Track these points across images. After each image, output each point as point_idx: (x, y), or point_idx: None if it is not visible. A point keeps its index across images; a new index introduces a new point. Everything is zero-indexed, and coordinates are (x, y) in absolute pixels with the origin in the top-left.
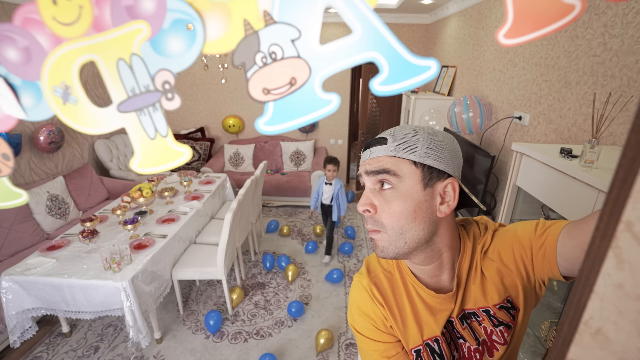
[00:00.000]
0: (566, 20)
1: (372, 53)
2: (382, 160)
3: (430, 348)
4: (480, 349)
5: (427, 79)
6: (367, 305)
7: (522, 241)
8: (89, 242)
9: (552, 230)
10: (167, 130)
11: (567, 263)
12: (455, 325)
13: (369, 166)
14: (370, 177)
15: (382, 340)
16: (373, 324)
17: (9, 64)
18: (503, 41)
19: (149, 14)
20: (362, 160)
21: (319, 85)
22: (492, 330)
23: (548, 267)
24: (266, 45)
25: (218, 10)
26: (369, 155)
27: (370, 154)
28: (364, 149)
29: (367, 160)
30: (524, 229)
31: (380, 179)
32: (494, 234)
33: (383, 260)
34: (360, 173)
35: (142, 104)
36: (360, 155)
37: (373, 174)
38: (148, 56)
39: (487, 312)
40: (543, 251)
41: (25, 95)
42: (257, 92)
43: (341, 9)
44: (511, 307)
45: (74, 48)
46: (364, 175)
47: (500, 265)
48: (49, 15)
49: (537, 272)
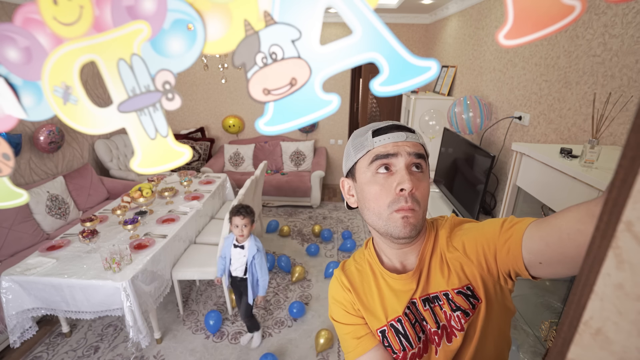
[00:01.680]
0: (566, 21)
1: (372, 54)
2: (418, 146)
3: (395, 329)
4: (439, 333)
5: (427, 80)
6: (338, 292)
7: (487, 235)
8: (89, 242)
9: (519, 225)
10: (167, 130)
11: (531, 255)
12: (418, 307)
13: (409, 148)
14: (410, 158)
15: (352, 323)
16: (344, 308)
17: (10, 64)
18: (503, 42)
19: (149, 14)
20: (391, 139)
21: (319, 86)
22: (451, 315)
23: (513, 259)
24: (266, 45)
25: (218, 11)
26: (406, 138)
27: (406, 137)
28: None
29: (405, 142)
30: (491, 224)
31: (418, 162)
32: (461, 225)
33: (357, 257)
34: (396, 152)
35: (142, 104)
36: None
37: (415, 156)
38: (148, 56)
39: (447, 295)
40: (508, 245)
41: (25, 95)
42: (257, 92)
43: (341, 9)
44: (471, 295)
45: (75, 48)
46: (403, 155)
47: (462, 255)
48: (50, 15)
49: (500, 265)
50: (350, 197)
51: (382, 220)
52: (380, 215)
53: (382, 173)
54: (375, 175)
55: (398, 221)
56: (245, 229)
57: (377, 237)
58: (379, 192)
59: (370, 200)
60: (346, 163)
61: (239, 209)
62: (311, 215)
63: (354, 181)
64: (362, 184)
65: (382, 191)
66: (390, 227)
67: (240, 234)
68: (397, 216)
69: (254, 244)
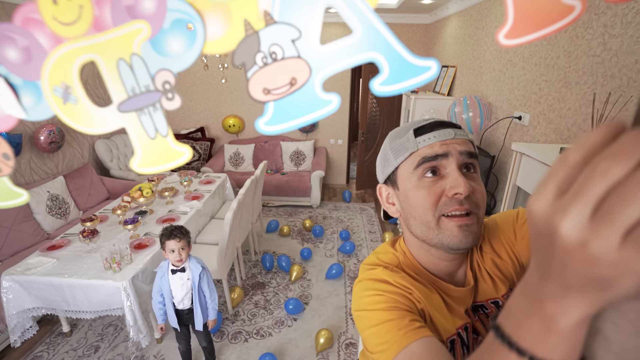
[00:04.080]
0: (566, 21)
1: (372, 53)
2: (469, 144)
3: (461, 339)
4: None
5: (427, 80)
6: (391, 276)
7: (507, 231)
8: (89, 242)
9: None
10: (167, 130)
11: None
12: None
13: (459, 147)
14: (462, 158)
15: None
16: (395, 290)
17: (10, 64)
18: (503, 42)
19: (149, 13)
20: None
21: (320, 86)
22: None
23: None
24: (266, 45)
25: (218, 10)
26: (454, 136)
27: (454, 134)
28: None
29: (455, 140)
30: (504, 219)
31: (471, 162)
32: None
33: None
34: (446, 152)
35: (142, 103)
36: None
37: (467, 155)
38: (148, 56)
39: (496, 303)
40: (526, 241)
41: (25, 95)
42: (257, 92)
43: (342, 9)
44: None
45: (75, 48)
46: (455, 155)
47: (494, 255)
48: (49, 14)
49: (524, 259)
50: (390, 205)
51: (432, 230)
52: (429, 225)
53: (430, 177)
54: (421, 179)
55: (454, 230)
56: (183, 252)
57: (421, 246)
58: (426, 197)
59: (417, 208)
60: (384, 169)
61: (171, 231)
62: (311, 215)
63: (394, 189)
64: (406, 191)
65: (429, 196)
66: (446, 237)
67: (178, 259)
68: (451, 224)
69: (196, 263)
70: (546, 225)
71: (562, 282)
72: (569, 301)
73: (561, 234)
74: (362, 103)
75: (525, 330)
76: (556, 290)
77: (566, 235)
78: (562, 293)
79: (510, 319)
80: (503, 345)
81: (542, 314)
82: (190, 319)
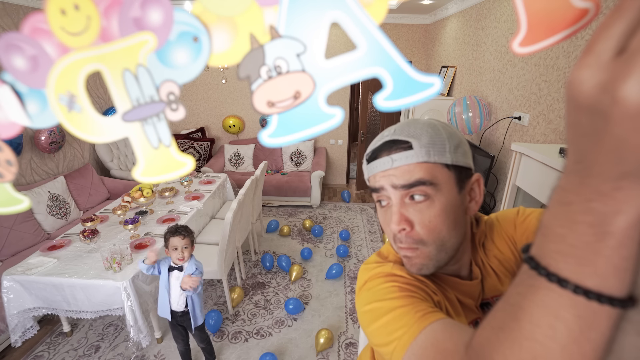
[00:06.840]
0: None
1: (376, 69)
2: (413, 170)
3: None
4: None
5: (430, 96)
6: (402, 270)
7: (508, 227)
8: (89, 242)
9: (533, 217)
10: (170, 140)
11: None
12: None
13: (395, 179)
14: (398, 191)
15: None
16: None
17: (17, 72)
18: (518, 50)
19: (156, 25)
20: (377, 169)
21: (324, 99)
22: None
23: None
24: (271, 58)
25: (225, 24)
26: (392, 165)
27: (392, 162)
28: (373, 154)
29: (389, 171)
30: (505, 217)
31: (413, 192)
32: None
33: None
34: (382, 186)
35: (146, 114)
36: (367, 161)
37: (404, 187)
38: (154, 67)
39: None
40: (526, 237)
41: (30, 102)
42: (261, 104)
43: (347, 25)
44: None
45: (81, 57)
46: (389, 189)
47: (497, 252)
48: (58, 25)
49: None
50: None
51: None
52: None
53: (382, 206)
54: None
55: (405, 259)
56: (186, 250)
57: None
58: (384, 225)
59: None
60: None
61: (177, 229)
62: (311, 215)
63: None
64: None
65: (384, 223)
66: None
67: (180, 258)
68: (402, 253)
69: (193, 264)
70: (599, 95)
71: (615, 171)
72: (625, 193)
73: (623, 99)
74: (362, 103)
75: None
76: (606, 184)
77: (630, 99)
78: (615, 186)
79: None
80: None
81: (589, 220)
82: (184, 320)
